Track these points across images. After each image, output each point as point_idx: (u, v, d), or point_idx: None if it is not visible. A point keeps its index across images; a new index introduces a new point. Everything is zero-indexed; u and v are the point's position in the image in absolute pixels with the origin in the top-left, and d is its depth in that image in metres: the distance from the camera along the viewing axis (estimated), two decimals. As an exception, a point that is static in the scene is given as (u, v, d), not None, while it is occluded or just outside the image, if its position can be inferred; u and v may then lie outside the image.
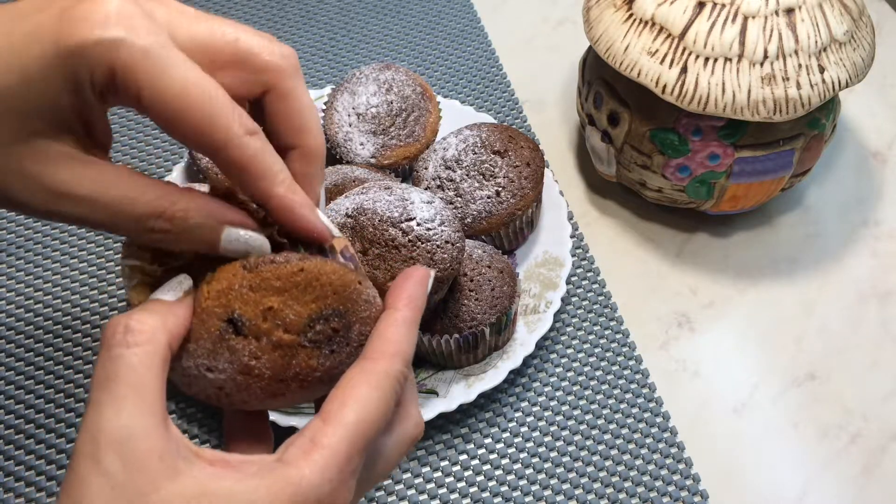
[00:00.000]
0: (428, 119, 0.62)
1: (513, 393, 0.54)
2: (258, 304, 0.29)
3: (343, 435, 0.27)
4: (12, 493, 0.50)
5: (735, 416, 0.53)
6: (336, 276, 0.30)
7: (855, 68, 0.53)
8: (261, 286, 0.29)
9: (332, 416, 0.28)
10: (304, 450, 0.27)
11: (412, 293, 0.32)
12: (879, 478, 0.51)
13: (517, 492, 0.50)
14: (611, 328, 0.57)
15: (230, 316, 0.29)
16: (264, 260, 0.29)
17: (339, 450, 0.27)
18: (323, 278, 0.29)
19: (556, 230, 0.59)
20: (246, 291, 0.29)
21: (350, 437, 0.27)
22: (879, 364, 0.56)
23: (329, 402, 0.28)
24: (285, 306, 0.29)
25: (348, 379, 0.29)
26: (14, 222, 0.63)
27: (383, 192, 0.48)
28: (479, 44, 0.76)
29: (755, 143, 0.54)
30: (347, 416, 0.28)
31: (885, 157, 0.67)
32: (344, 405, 0.28)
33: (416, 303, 0.32)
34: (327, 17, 0.79)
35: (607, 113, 0.58)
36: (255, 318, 0.29)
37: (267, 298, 0.29)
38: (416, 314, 0.31)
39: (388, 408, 0.29)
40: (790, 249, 0.62)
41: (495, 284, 0.52)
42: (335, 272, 0.30)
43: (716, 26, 0.51)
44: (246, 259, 0.29)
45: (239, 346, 0.29)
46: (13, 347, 0.56)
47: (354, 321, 0.31)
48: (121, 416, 0.25)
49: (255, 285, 0.29)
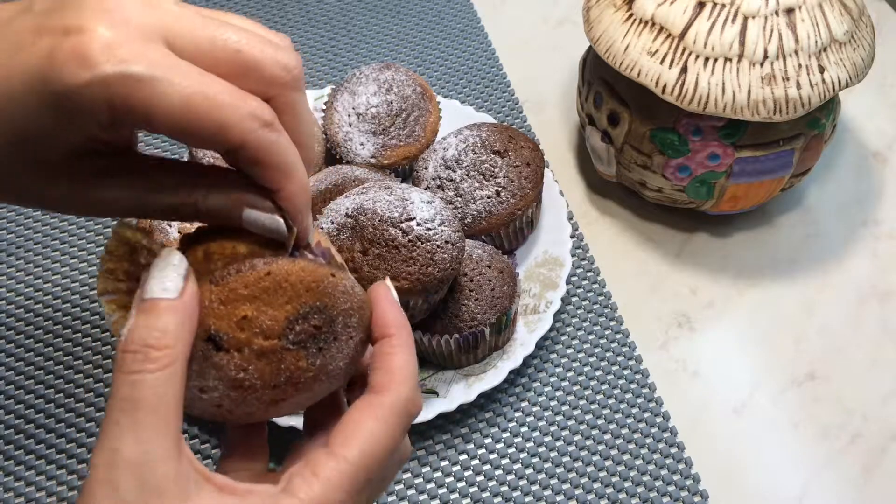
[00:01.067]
0: (428, 119, 0.62)
1: (513, 393, 0.54)
2: (231, 315, 0.28)
3: (347, 469, 0.28)
4: (12, 492, 0.50)
5: (735, 416, 0.53)
6: (306, 273, 0.29)
7: (855, 68, 0.53)
8: (230, 298, 0.28)
9: (336, 449, 0.28)
10: (307, 481, 0.27)
11: (395, 315, 0.31)
12: (879, 478, 0.51)
13: (517, 492, 0.50)
14: (611, 328, 0.57)
15: (208, 334, 0.28)
16: (230, 271, 0.28)
17: (342, 484, 0.27)
18: (292, 277, 0.29)
19: (556, 230, 0.59)
20: (217, 306, 0.28)
21: (354, 473, 0.28)
22: (879, 364, 0.56)
23: (335, 434, 0.29)
24: (259, 313, 0.28)
25: (355, 412, 0.29)
26: (14, 222, 0.63)
27: (383, 192, 0.48)
28: (479, 44, 0.76)
29: (755, 143, 0.54)
30: (352, 450, 0.28)
31: (885, 157, 0.67)
32: (349, 439, 0.28)
33: (402, 322, 0.31)
34: (327, 17, 0.79)
35: (607, 113, 0.58)
36: (232, 331, 0.28)
37: (239, 308, 0.28)
38: (408, 335, 0.31)
39: (396, 442, 0.29)
40: (790, 249, 0.62)
41: (495, 284, 0.52)
42: (304, 269, 0.29)
43: (716, 26, 0.51)
44: (211, 273, 0.28)
45: (223, 361, 0.28)
46: (13, 347, 0.56)
47: (336, 314, 0.30)
48: (140, 441, 0.25)
49: (225, 298, 0.28)
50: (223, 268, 0.28)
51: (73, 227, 0.62)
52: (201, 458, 0.51)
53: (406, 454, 0.32)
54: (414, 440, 0.52)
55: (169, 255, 0.27)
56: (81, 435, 0.52)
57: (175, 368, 0.26)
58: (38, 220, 0.63)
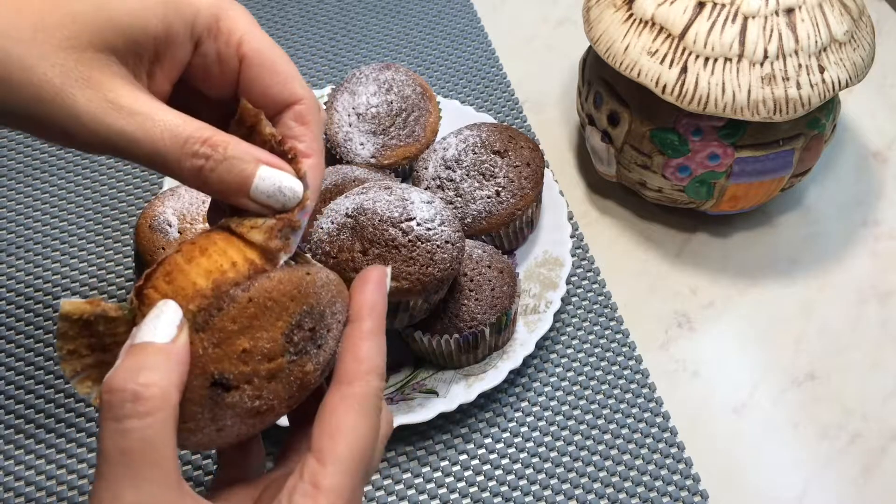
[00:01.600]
0: (428, 119, 0.62)
1: (513, 393, 0.54)
2: (230, 354, 0.28)
3: (341, 470, 0.28)
4: (12, 492, 0.50)
5: (735, 416, 0.53)
6: (284, 284, 0.28)
7: (855, 68, 0.53)
8: (222, 338, 0.27)
9: (325, 454, 0.28)
10: (310, 496, 0.27)
11: (373, 301, 0.31)
12: (879, 478, 0.51)
13: (517, 492, 0.50)
14: (611, 328, 0.57)
15: (212, 380, 0.28)
16: (210, 312, 0.27)
17: (343, 486, 0.28)
18: (274, 294, 0.28)
19: (556, 230, 0.59)
20: (212, 350, 0.27)
21: (349, 471, 0.28)
22: (879, 364, 0.56)
23: (318, 437, 0.28)
24: (256, 340, 0.28)
25: (331, 408, 0.29)
26: (14, 223, 0.63)
27: (383, 192, 0.48)
28: (479, 44, 0.76)
29: (755, 143, 0.54)
30: (341, 451, 0.28)
31: (885, 157, 0.67)
32: (334, 439, 0.28)
33: (377, 310, 0.31)
34: (327, 17, 0.79)
35: (607, 113, 0.58)
36: (236, 367, 0.28)
37: (235, 345, 0.28)
38: (379, 322, 0.31)
39: (376, 429, 0.29)
40: (790, 249, 0.62)
41: (495, 284, 0.52)
42: (281, 282, 0.28)
43: (716, 26, 0.51)
44: (193, 320, 0.27)
45: (236, 399, 0.28)
46: (13, 347, 0.56)
47: (323, 308, 0.30)
48: (141, 493, 0.25)
49: (217, 340, 0.27)
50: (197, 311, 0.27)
51: (73, 228, 0.62)
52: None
53: (388, 431, 0.32)
54: (414, 440, 0.52)
55: (164, 305, 0.27)
56: (81, 435, 0.52)
57: (167, 413, 0.26)
58: (38, 220, 0.63)
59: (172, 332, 0.27)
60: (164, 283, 0.28)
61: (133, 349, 0.26)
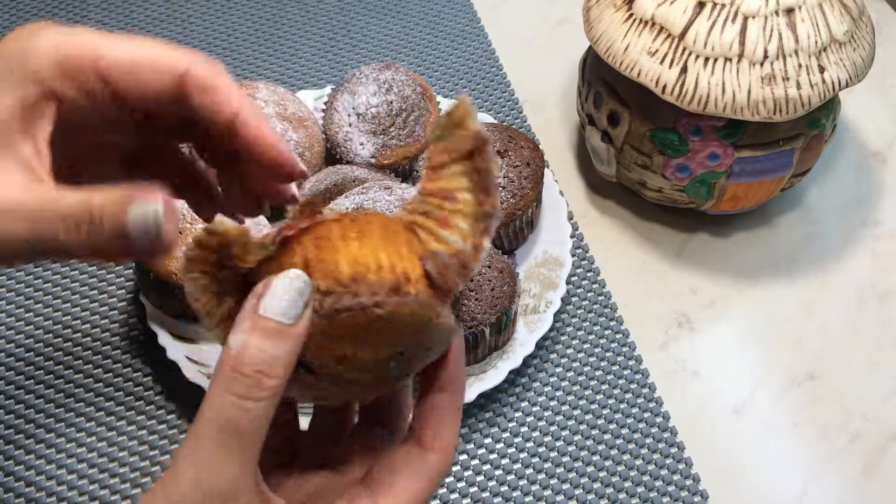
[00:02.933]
0: (428, 119, 0.62)
1: (513, 393, 0.54)
2: (331, 352, 0.27)
3: None
4: (12, 492, 0.50)
5: (735, 416, 0.53)
6: (415, 318, 0.27)
7: (855, 68, 0.53)
8: (334, 335, 0.27)
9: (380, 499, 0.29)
10: None
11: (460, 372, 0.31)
12: (879, 478, 0.51)
13: (517, 492, 0.50)
14: (611, 328, 0.57)
15: (301, 361, 0.27)
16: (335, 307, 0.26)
17: None
18: (399, 325, 0.27)
19: (556, 230, 0.59)
20: (319, 339, 0.26)
21: None
22: (879, 364, 0.56)
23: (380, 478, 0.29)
24: (359, 352, 0.27)
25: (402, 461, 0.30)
26: (14, 222, 0.63)
27: (383, 192, 0.48)
28: (479, 44, 0.76)
29: (755, 143, 0.54)
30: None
31: (885, 157, 0.67)
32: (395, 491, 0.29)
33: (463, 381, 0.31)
34: (327, 17, 0.79)
35: (607, 113, 0.58)
36: (327, 364, 0.27)
37: (340, 347, 0.27)
38: (462, 395, 0.31)
39: (429, 497, 0.30)
40: (790, 249, 0.62)
41: (495, 284, 0.52)
42: (413, 314, 0.27)
43: (716, 26, 0.51)
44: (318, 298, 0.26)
45: (309, 381, 0.28)
46: (13, 347, 0.56)
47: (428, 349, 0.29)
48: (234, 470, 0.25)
49: (328, 333, 0.26)
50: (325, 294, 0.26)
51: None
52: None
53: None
54: (414, 440, 0.52)
55: (297, 277, 0.26)
56: (81, 435, 0.52)
57: (276, 400, 0.26)
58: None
59: (299, 311, 0.26)
60: (312, 246, 0.27)
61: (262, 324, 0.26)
